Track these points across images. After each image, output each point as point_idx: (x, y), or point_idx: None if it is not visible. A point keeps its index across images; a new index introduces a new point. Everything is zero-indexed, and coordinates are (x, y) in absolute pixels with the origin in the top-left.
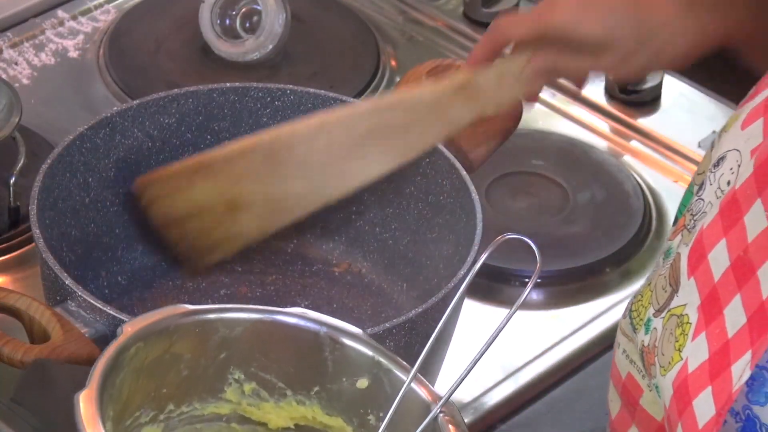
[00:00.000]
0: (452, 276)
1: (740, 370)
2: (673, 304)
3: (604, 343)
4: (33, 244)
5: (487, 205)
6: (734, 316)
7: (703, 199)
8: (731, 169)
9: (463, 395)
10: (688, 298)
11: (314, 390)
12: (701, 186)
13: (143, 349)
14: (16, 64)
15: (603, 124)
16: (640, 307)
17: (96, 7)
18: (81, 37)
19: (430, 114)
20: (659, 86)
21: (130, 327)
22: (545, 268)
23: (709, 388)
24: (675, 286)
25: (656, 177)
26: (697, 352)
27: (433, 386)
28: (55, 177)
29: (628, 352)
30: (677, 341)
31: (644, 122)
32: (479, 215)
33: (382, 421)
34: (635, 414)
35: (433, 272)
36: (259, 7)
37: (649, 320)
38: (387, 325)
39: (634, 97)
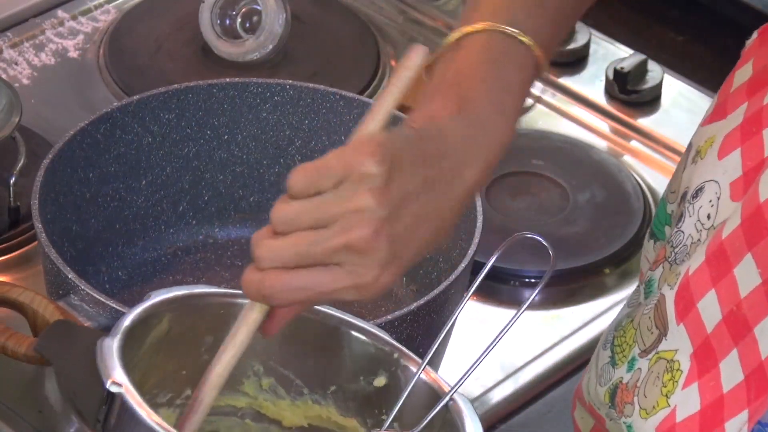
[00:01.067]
0: (452, 270)
1: (735, 428)
2: (662, 347)
3: None
4: (33, 243)
5: (487, 204)
6: (730, 371)
7: (683, 231)
8: (710, 201)
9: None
10: (679, 344)
11: (331, 389)
12: (680, 218)
13: (168, 320)
14: (16, 64)
15: (603, 124)
16: (624, 343)
17: (96, 7)
18: (81, 37)
19: None
20: (659, 86)
21: (157, 296)
22: (545, 268)
23: None
24: (663, 329)
25: (656, 177)
26: (687, 401)
27: None
28: (56, 172)
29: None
30: (665, 387)
31: (644, 122)
32: (479, 208)
33: (395, 417)
34: None
35: (433, 266)
36: (259, 7)
37: (633, 359)
38: (389, 317)
39: (634, 97)
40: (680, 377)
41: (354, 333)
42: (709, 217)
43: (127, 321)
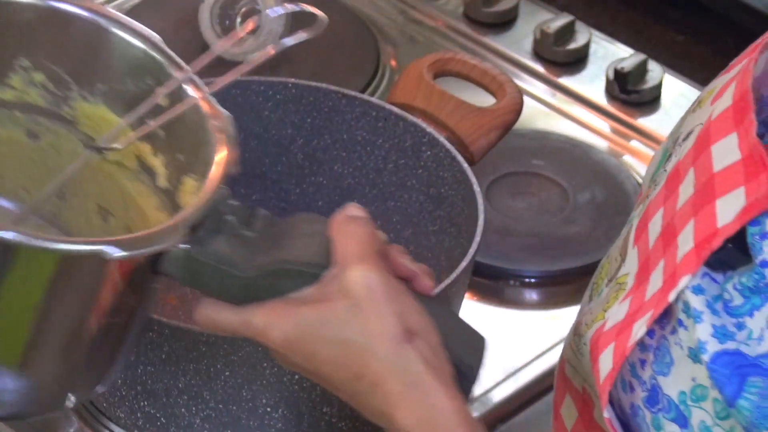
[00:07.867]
0: (453, 269)
1: (638, 326)
2: (620, 272)
3: None
4: None
5: (487, 205)
6: (655, 279)
7: (666, 170)
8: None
9: None
10: (630, 267)
11: (99, 86)
12: (668, 159)
13: None
14: None
15: (603, 124)
16: (599, 280)
17: None
18: None
19: None
20: (659, 86)
21: None
22: (545, 268)
23: (612, 344)
24: (623, 256)
25: None
26: (617, 313)
27: None
28: None
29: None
30: (608, 303)
31: (644, 122)
32: (481, 207)
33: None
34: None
35: (435, 264)
36: (259, 7)
37: (601, 290)
38: None
39: (634, 97)
40: (621, 294)
41: (122, 34)
42: None
43: None
